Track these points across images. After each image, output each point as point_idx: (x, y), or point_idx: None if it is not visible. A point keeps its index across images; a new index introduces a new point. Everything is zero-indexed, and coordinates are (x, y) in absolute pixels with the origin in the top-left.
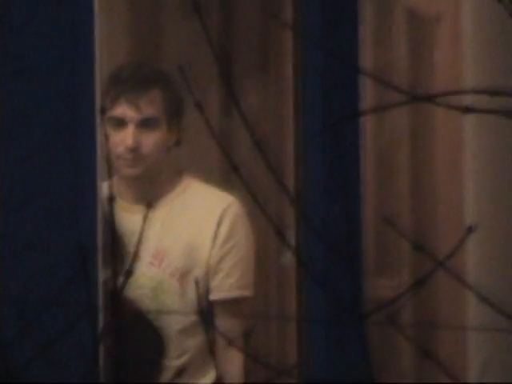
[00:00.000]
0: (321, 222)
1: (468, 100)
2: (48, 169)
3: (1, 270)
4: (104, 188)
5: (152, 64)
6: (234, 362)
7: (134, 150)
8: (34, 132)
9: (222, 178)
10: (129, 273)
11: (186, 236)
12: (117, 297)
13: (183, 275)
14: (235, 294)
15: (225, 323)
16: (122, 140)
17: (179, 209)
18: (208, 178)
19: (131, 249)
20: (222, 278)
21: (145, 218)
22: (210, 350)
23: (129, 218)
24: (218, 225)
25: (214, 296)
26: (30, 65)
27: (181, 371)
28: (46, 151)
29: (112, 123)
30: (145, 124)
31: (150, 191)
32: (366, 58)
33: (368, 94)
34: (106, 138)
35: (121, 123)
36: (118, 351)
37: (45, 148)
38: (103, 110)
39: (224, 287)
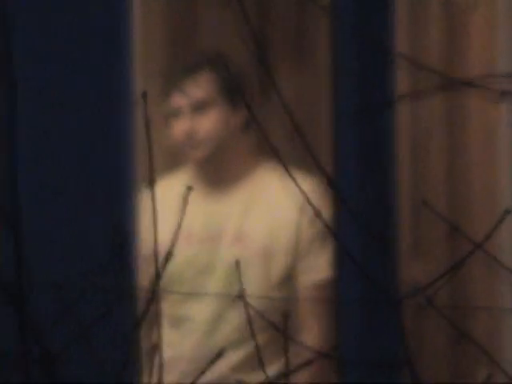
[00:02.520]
0: (357, 205)
1: (503, 85)
2: (85, 153)
3: (38, 255)
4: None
5: (190, 55)
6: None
7: (192, 134)
8: (71, 117)
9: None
10: (169, 254)
11: (269, 216)
12: (158, 279)
13: (266, 255)
14: (326, 273)
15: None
16: (180, 128)
17: (261, 190)
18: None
19: (211, 230)
20: (314, 258)
21: (185, 200)
22: (251, 334)
23: (207, 200)
24: (302, 208)
25: (307, 277)
26: (66, 53)
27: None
28: (83, 136)
29: (171, 116)
30: (197, 108)
31: (226, 174)
32: (402, 43)
33: (403, 80)
34: (147, 122)
35: (177, 113)
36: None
37: (82, 133)
38: (144, 95)
39: (317, 267)
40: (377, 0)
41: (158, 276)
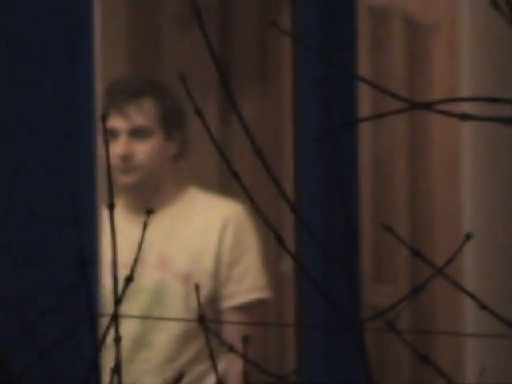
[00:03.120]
0: (319, 228)
1: (465, 107)
2: (47, 177)
3: (0, 277)
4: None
5: (152, 76)
6: (234, 367)
7: (126, 159)
8: (32, 140)
9: (222, 186)
10: (129, 279)
11: (191, 242)
12: (118, 303)
13: (187, 279)
14: (250, 297)
15: (237, 329)
16: (115, 150)
17: (184, 217)
18: (208, 185)
19: (131, 257)
20: (236, 283)
21: (145, 224)
22: (210, 356)
23: (131, 228)
24: (223, 231)
25: (227, 303)
26: (29, 73)
27: (180, 376)
28: (45, 159)
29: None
30: (136, 133)
31: (153, 201)
32: (364, 66)
33: (366, 102)
34: (106, 145)
35: (114, 134)
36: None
37: (44, 156)
38: (104, 118)
39: (239, 293)
40: (339, 24)
41: (117, 300)
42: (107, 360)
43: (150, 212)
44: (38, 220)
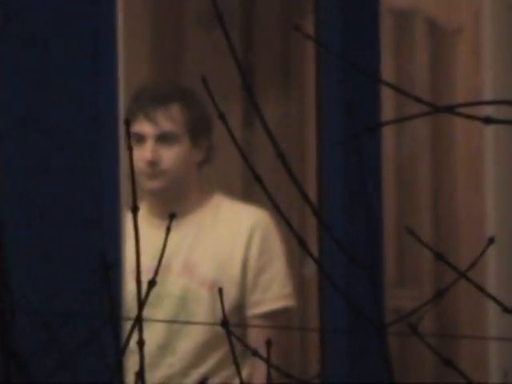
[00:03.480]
0: (342, 233)
1: (489, 111)
2: (72, 181)
3: (25, 282)
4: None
5: (175, 79)
6: (258, 373)
7: (153, 164)
8: (56, 145)
9: (245, 190)
10: (152, 283)
11: (217, 249)
12: (141, 307)
13: (213, 286)
14: (276, 306)
15: (261, 335)
16: (142, 155)
17: (210, 224)
18: (231, 190)
19: (155, 262)
20: (262, 291)
21: (168, 229)
22: (234, 362)
23: (156, 233)
24: (250, 238)
25: (254, 311)
26: (52, 79)
27: (203, 381)
28: (70, 163)
29: (133, 140)
30: (163, 139)
31: (179, 207)
32: (387, 69)
33: (389, 105)
34: (130, 149)
35: (140, 139)
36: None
37: (68, 160)
38: (127, 122)
39: (265, 301)
40: (362, 28)
41: (140, 304)
42: (131, 364)
43: (172, 216)
44: (62, 224)
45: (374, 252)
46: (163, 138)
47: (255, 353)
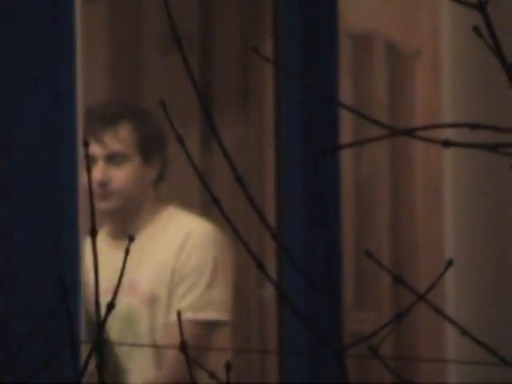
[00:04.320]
0: (301, 255)
1: (448, 133)
2: (29, 202)
3: None
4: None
5: (128, 99)
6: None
7: (104, 185)
8: (15, 166)
9: (204, 209)
10: (111, 305)
11: (156, 261)
12: (100, 329)
13: (152, 301)
14: (188, 316)
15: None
16: (93, 176)
17: (157, 238)
18: (189, 208)
19: (114, 283)
20: (177, 299)
21: (126, 252)
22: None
23: (110, 252)
24: (181, 246)
25: (169, 317)
26: (13, 98)
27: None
28: (28, 184)
29: (84, 160)
30: (113, 159)
31: (132, 225)
32: (346, 92)
33: (348, 127)
34: (88, 170)
35: (92, 161)
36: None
37: (26, 181)
38: (86, 143)
39: (174, 310)
40: (321, 50)
41: (100, 326)
42: None
43: (131, 239)
44: (21, 246)
45: (332, 275)
46: (112, 159)
47: (212, 375)
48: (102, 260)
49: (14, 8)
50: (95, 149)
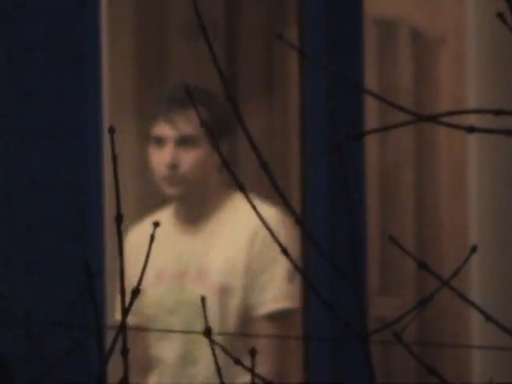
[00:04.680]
0: (326, 241)
1: (472, 119)
2: (56, 190)
3: (9, 291)
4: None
5: (158, 89)
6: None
7: (173, 168)
8: (41, 153)
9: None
10: (136, 291)
11: (228, 252)
12: (125, 315)
13: (223, 290)
14: (274, 307)
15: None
16: (162, 158)
17: (226, 226)
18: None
19: (180, 268)
20: (260, 292)
21: (151, 238)
22: (217, 371)
23: (181, 239)
24: (252, 238)
25: (256, 312)
26: (39, 88)
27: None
28: (54, 173)
29: (153, 143)
30: (183, 142)
31: (199, 210)
32: (371, 79)
33: (373, 114)
34: (114, 158)
35: (160, 142)
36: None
37: (52, 170)
38: (111, 131)
39: (265, 302)
40: (346, 38)
41: (124, 312)
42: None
43: (156, 224)
44: (46, 234)
45: (357, 261)
46: (183, 142)
47: (237, 362)
48: (170, 243)
49: (44, 2)
50: (165, 130)
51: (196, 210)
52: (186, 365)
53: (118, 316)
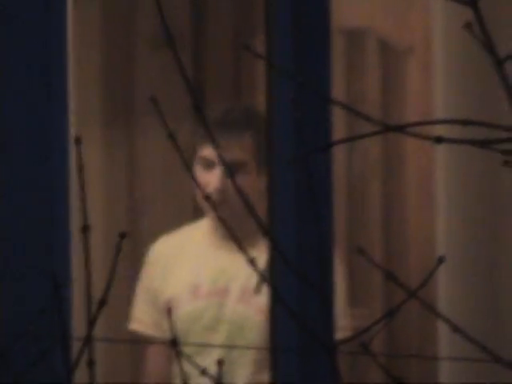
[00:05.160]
0: (293, 252)
1: (440, 130)
2: (21, 198)
3: None
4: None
5: (120, 97)
6: None
7: (222, 193)
8: (5, 162)
9: (195, 208)
10: (102, 302)
11: None
12: (91, 326)
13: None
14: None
15: None
16: (211, 181)
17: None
18: (180, 208)
19: (220, 285)
20: None
21: (117, 248)
22: (182, 377)
23: (220, 254)
24: None
25: None
26: (4, 96)
27: None
28: (19, 180)
29: (202, 163)
30: (233, 166)
31: (241, 232)
32: (339, 88)
33: (340, 124)
34: (81, 168)
35: (210, 164)
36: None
37: (18, 177)
38: (78, 141)
39: None
40: (313, 47)
41: (91, 323)
42: None
43: (122, 236)
44: (11, 244)
45: (324, 271)
46: (233, 166)
47: (204, 372)
48: (206, 258)
49: (8, 7)
50: (212, 153)
51: (237, 231)
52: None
53: (132, 325)
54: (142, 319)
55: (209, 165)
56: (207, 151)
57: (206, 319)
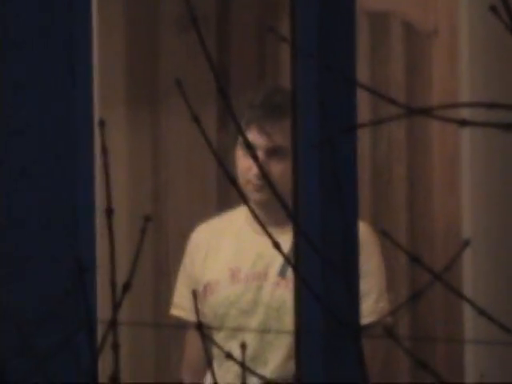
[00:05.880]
0: (318, 236)
1: (464, 113)
2: (45, 182)
3: None
4: (238, 213)
5: (150, 82)
6: None
7: (262, 177)
8: (30, 146)
9: (220, 191)
10: (127, 286)
11: None
12: (116, 310)
13: None
14: (368, 320)
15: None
16: (252, 166)
17: None
18: (205, 194)
19: (259, 269)
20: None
21: (142, 231)
22: (208, 362)
23: (259, 239)
24: None
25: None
26: (28, 80)
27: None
28: (44, 165)
29: (241, 147)
30: (274, 152)
31: (281, 216)
32: (363, 71)
33: (365, 107)
34: (105, 151)
35: (250, 148)
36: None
37: (42, 162)
38: (102, 124)
39: (367, 311)
40: (338, 30)
41: (115, 306)
42: (221, 376)
43: (147, 218)
44: (35, 229)
45: (349, 255)
46: (274, 152)
47: (228, 355)
48: (247, 243)
49: None
50: (257, 138)
51: (277, 215)
52: (257, 365)
53: (174, 312)
54: (183, 305)
55: (249, 147)
56: (250, 136)
57: (244, 303)
